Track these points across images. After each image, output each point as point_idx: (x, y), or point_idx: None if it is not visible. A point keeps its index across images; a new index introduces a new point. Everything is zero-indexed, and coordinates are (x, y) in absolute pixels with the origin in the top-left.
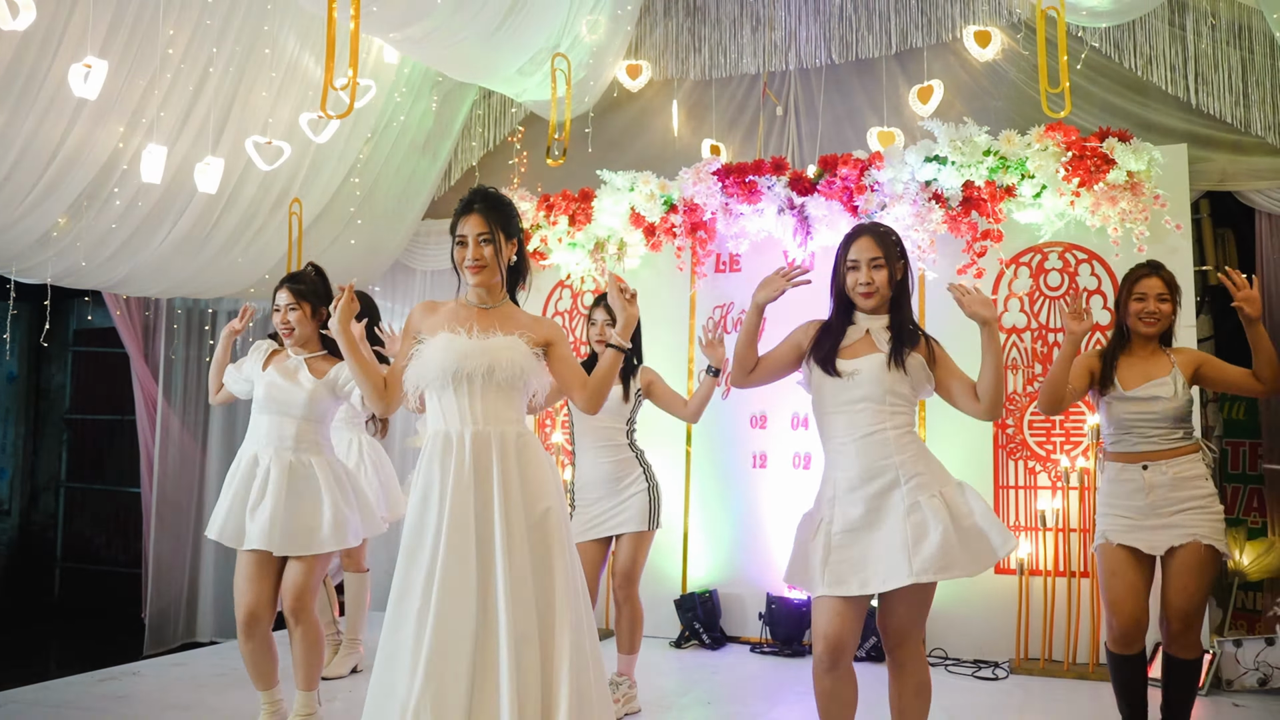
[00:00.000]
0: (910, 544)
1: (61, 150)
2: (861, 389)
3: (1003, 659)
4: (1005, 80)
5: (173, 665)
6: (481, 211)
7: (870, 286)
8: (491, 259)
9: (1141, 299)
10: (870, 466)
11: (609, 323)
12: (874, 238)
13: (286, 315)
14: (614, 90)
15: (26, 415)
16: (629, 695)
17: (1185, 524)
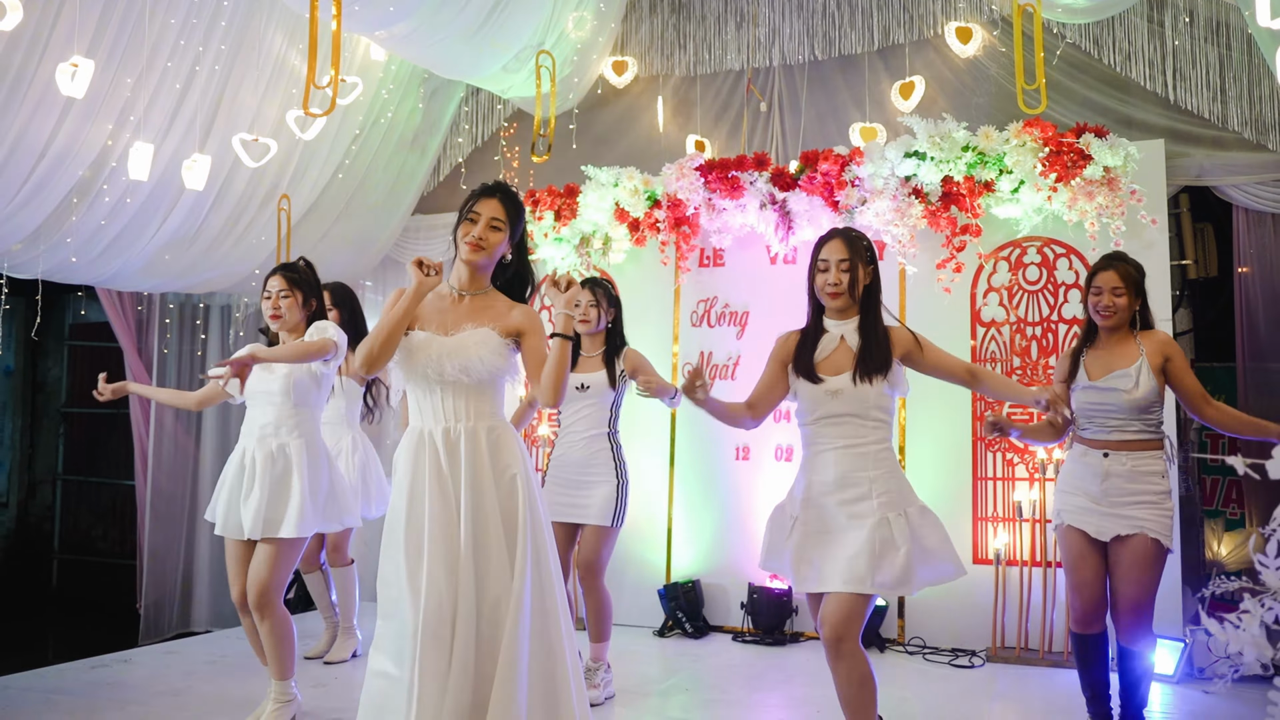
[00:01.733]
0: (876, 556)
1: (50, 148)
2: (845, 404)
3: (979, 648)
4: (986, 77)
5: (165, 653)
6: (503, 201)
7: (838, 287)
8: (493, 245)
9: (1098, 293)
10: (846, 475)
11: (593, 303)
12: (843, 240)
13: (278, 301)
14: (600, 87)
15: (24, 408)
16: (606, 680)
17: (1135, 516)
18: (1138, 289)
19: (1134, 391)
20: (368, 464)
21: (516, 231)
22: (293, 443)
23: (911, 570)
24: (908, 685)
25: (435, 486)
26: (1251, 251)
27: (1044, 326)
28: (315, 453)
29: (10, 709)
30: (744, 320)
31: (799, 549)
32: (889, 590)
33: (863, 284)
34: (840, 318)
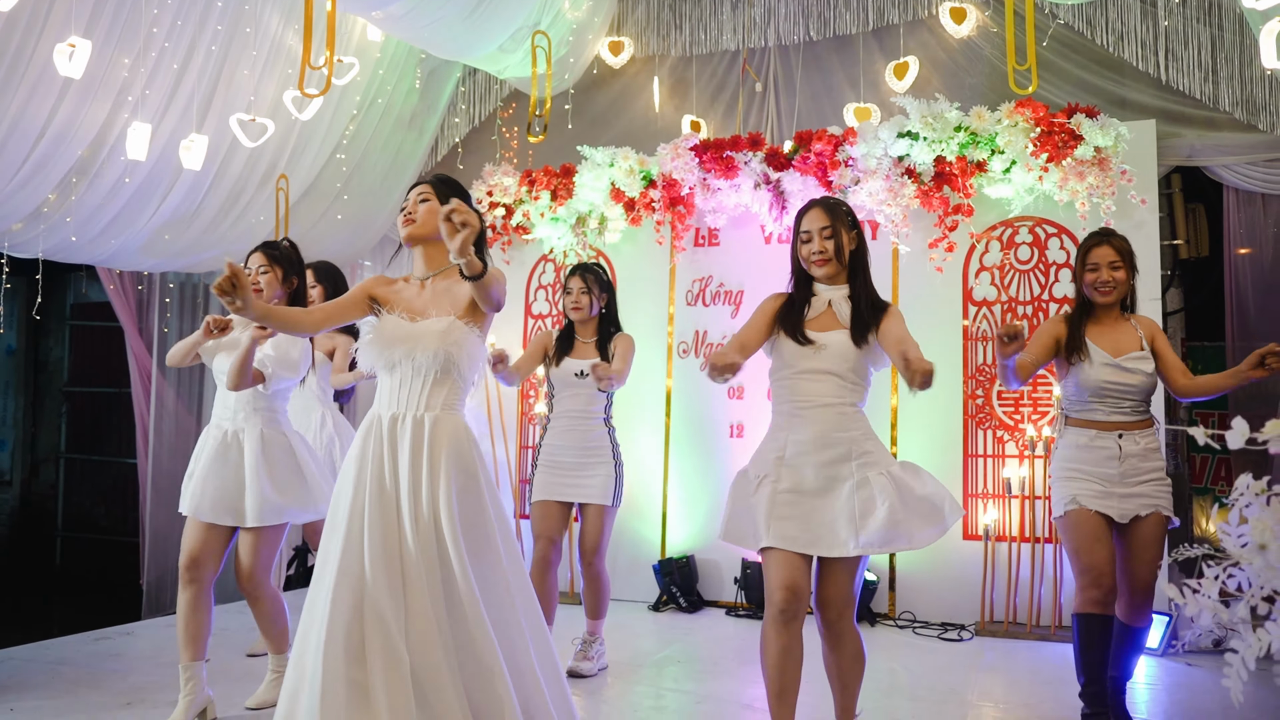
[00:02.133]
0: (857, 518)
1: (49, 128)
2: (827, 362)
3: (968, 622)
4: (980, 57)
5: (166, 626)
6: (430, 181)
7: (823, 254)
8: (425, 215)
9: (1094, 269)
10: (823, 435)
11: (584, 290)
12: (823, 208)
13: (256, 277)
14: (596, 67)
15: (26, 388)
16: (599, 653)
17: (1149, 494)
18: (1133, 263)
19: (1153, 375)
20: (334, 442)
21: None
22: (249, 428)
23: (897, 524)
24: (897, 657)
25: (375, 474)
26: (1241, 231)
27: (1035, 305)
28: (275, 439)
29: (15, 679)
30: (739, 299)
31: (770, 504)
32: (874, 550)
33: (848, 249)
34: (830, 284)
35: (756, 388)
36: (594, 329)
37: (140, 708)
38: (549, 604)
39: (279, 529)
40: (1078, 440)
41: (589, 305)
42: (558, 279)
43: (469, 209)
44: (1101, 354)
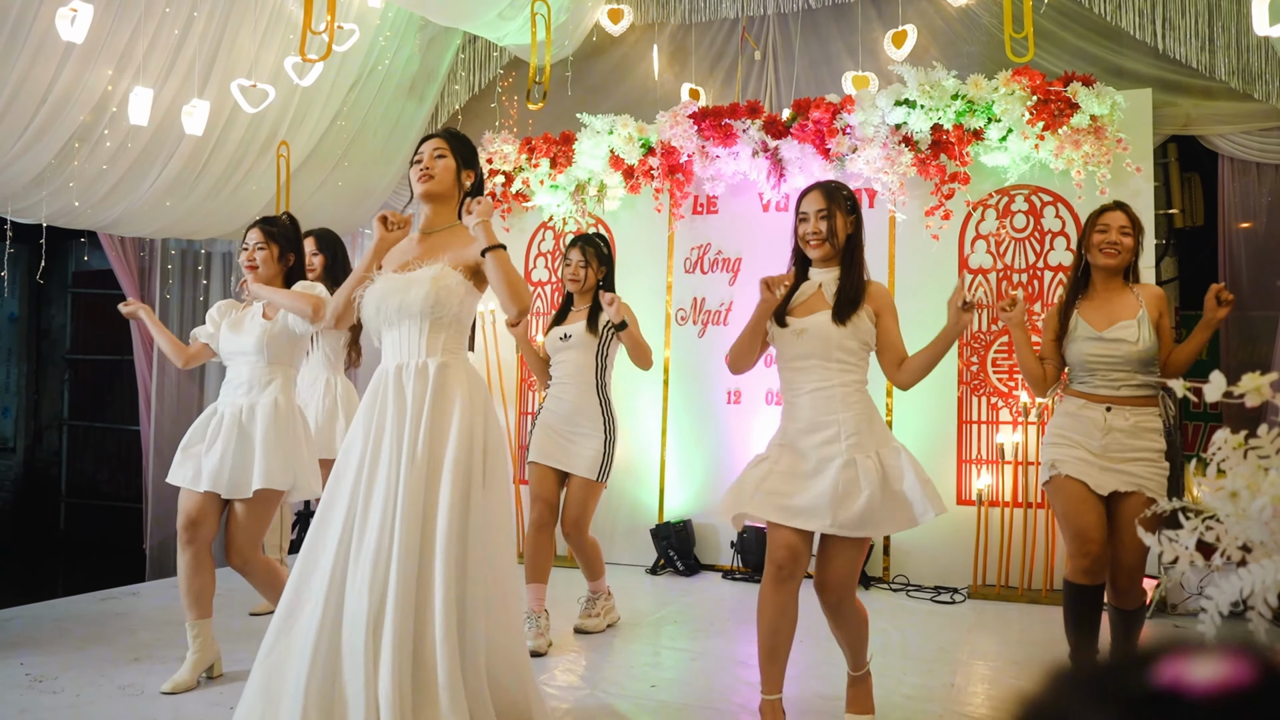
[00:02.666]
0: (839, 498)
1: (51, 93)
2: (808, 345)
3: (961, 585)
4: (978, 25)
5: (171, 587)
6: (443, 135)
7: (818, 235)
8: (442, 172)
9: (1104, 230)
10: (815, 419)
11: (583, 264)
12: (821, 191)
13: (254, 253)
14: (595, 34)
15: (29, 355)
16: (607, 607)
17: (1134, 473)
18: (1140, 237)
19: (1138, 344)
20: (338, 407)
21: (469, 160)
22: (263, 400)
23: (872, 515)
24: (890, 619)
25: (378, 424)
26: (1236, 201)
27: (1030, 274)
28: (285, 410)
29: (24, 635)
30: (736, 267)
31: (767, 481)
32: (847, 532)
33: (844, 233)
34: (823, 266)
35: None
36: (590, 299)
37: (148, 662)
38: (545, 562)
39: (273, 503)
40: (1068, 408)
41: (585, 278)
42: (557, 246)
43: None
44: (1086, 328)
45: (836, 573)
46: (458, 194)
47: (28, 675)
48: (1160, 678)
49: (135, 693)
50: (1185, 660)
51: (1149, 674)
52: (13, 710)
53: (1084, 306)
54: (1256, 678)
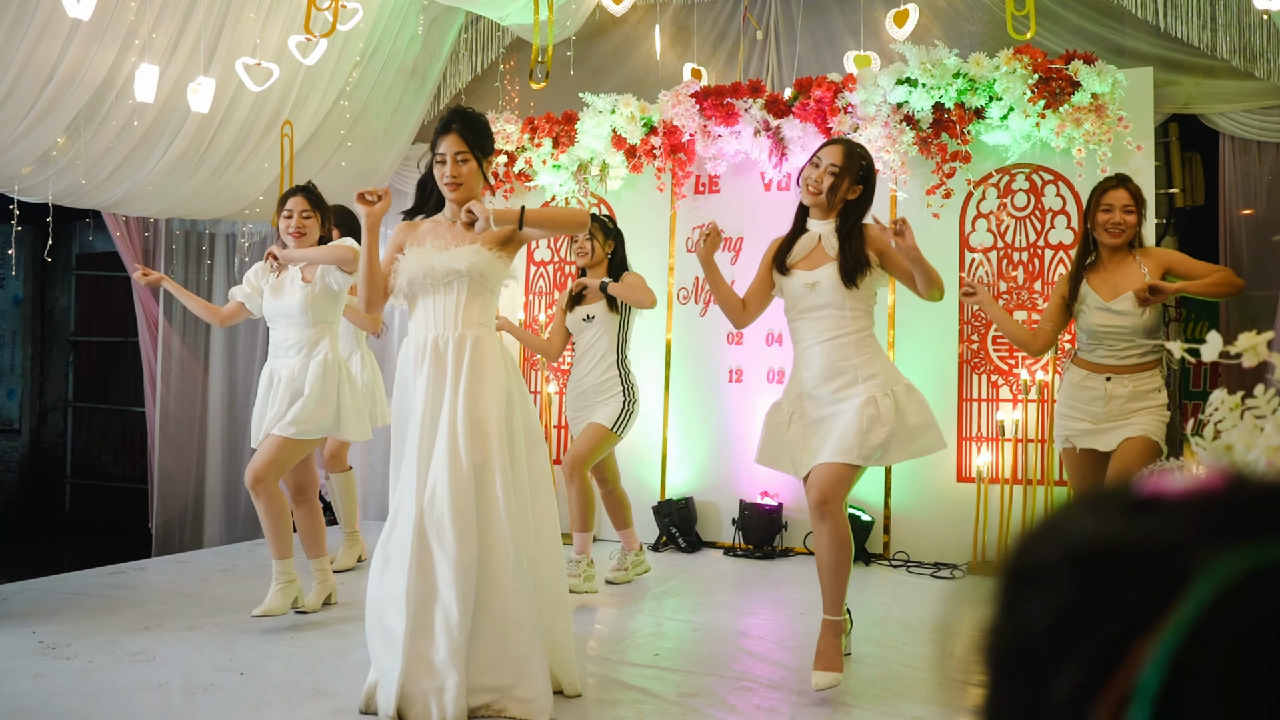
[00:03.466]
0: (863, 431)
1: (58, 71)
2: (824, 297)
3: (960, 562)
4: (980, 4)
5: (179, 562)
6: (460, 131)
7: (817, 185)
8: (469, 176)
9: (1108, 210)
10: (832, 366)
11: (588, 236)
12: (843, 148)
13: (301, 221)
14: (598, 14)
15: (33, 337)
16: (586, 574)
17: (1136, 421)
18: (1144, 209)
19: (1144, 314)
20: (373, 382)
21: (487, 149)
22: (314, 359)
23: (891, 445)
24: (890, 593)
25: (424, 394)
26: (1237, 180)
27: (1031, 252)
28: (334, 364)
29: (35, 607)
30: (738, 246)
31: (800, 440)
32: (873, 462)
33: (843, 196)
34: (820, 218)
35: (755, 334)
36: (602, 274)
37: (158, 631)
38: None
39: (297, 447)
40: (1073, 379)
41: (592, 250)
42: None
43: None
44: (1095, 298)
45: (826, 472)
46: (489, 186)
47: (41, 643)
48: (1145, 489)
49: (146, 659)
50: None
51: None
52: (28, 675)
53: (1092, 277)
54: (1226, 479)
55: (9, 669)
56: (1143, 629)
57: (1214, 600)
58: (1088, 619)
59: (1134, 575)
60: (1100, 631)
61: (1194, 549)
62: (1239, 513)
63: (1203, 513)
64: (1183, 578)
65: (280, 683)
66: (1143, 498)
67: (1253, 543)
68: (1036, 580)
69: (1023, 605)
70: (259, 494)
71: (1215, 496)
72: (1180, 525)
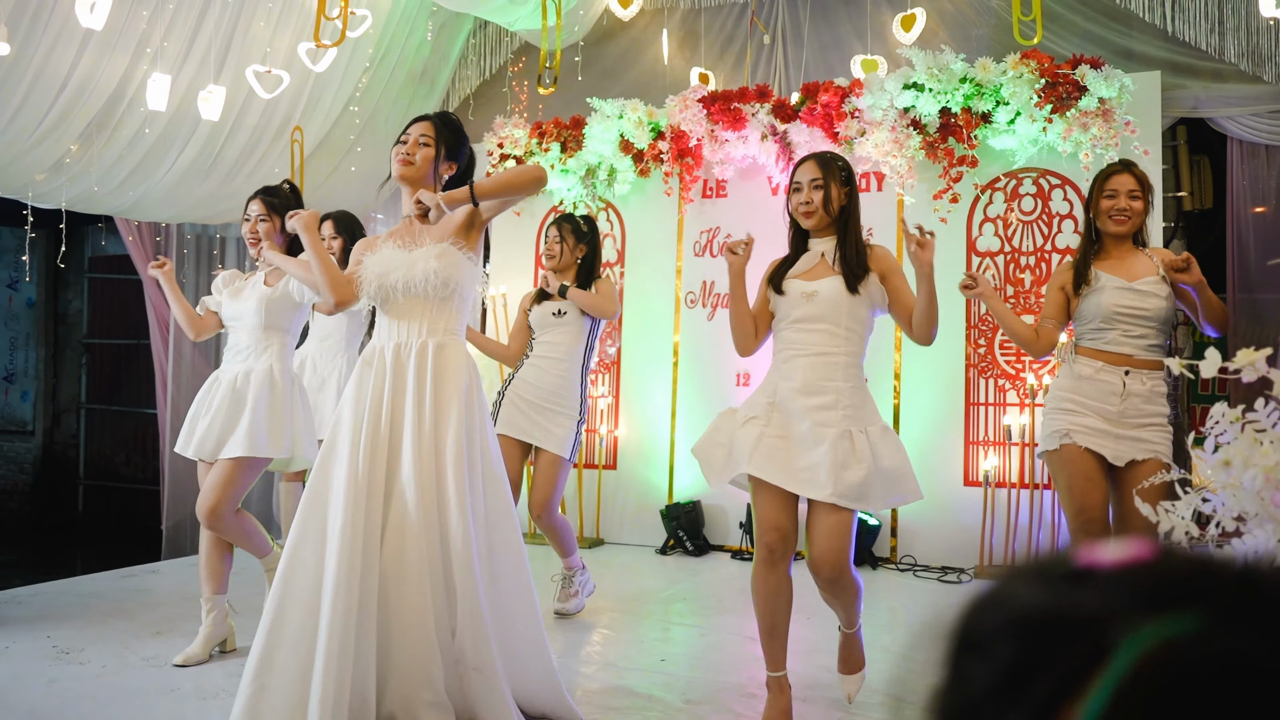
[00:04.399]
0: (838, 467)
1: (71, 80)
2: (819, 308)
3: (968, 566)
4: (988, 8)
5: (190, 565)
6: (434, 120)
7: (810, 205)
8: (423, 162)
9: (1112, 196)
10: (814, 382)
11: (558, 239)
12: (816, 161)
13: (256, 225)
14: (605, 19)
15: (46, 339)
16: (583, 580)
17: (1148, 439)
18: (1150, 195)
19: (1168, 300)
20: None
21: (455, 151)
22: (258, 366)
23: (868, 488)
24: (897, 598)
25: (373, 404)
26: (1245, 183)
27: (1038, 256)
28: (279, 377)
29: (50, 610)
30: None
31: (758, 439)
32: (845, 502)
33: (837, 203)
34: (821, 236)
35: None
36: (571, 278)
37: (169, 636)
38: None
39: (252, 466)
40: (1082, 371)
41: (560, 254)
42: None
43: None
44: (1113, 279)
45: (831, 547)
46: (434, 183)
47: (55, 647)
48: (1079, 559)
49: (159, 664)
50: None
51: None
52: (42, 680)
53: (1102, 265)
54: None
55: (24, 674)
56: (1072, 693)
57: (1132, 668)
58: (1024, 682)
59: (1065, 642)
60: (1034, 694)
61: (1118, 619)
62: (1159, 586)
63: (1128, 585)
64: (1108, 646)
65: None
66: (1079, 567)
67: (1169, 615)
68: (980, 645)
69: (967, 668)
70: (219, 528)
71: (1141, 570)
72: (1108, 596)
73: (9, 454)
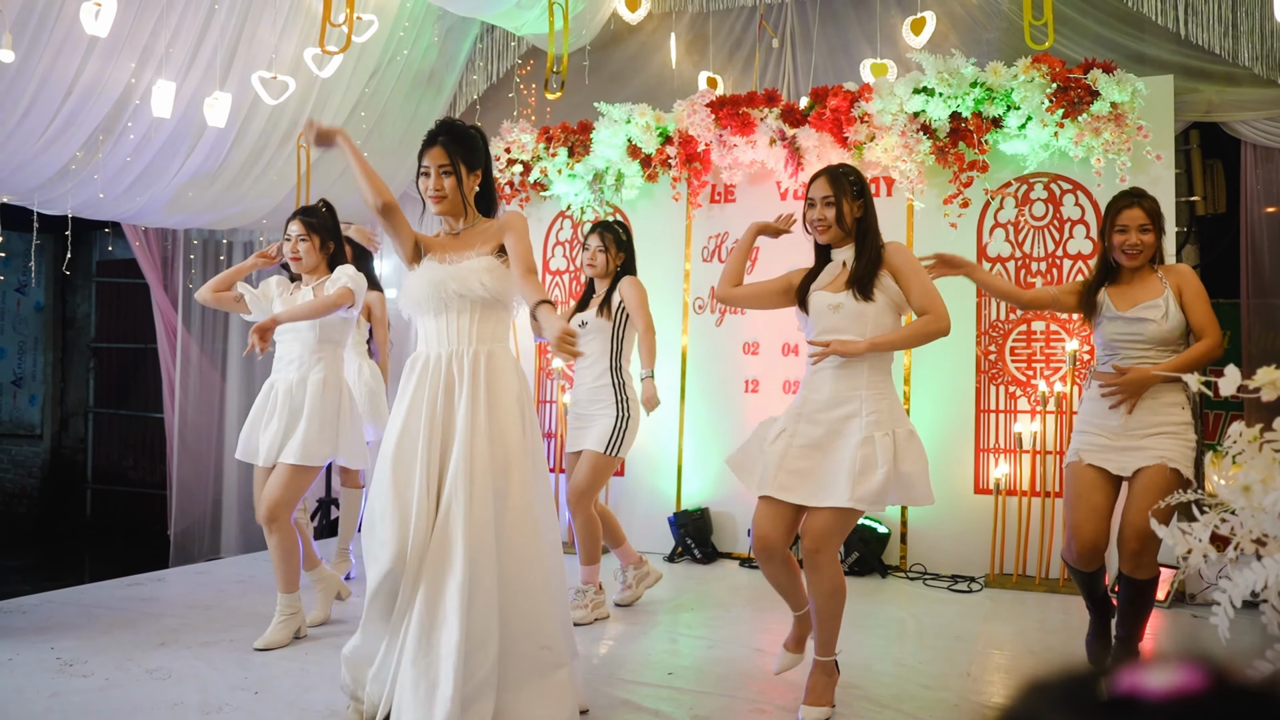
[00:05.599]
0: (856, 472)
1: (76, 86)
2: (844, 320)
3: (978, 574)
4: (998, 12)
5: (196, 573)
6: (444, 144)
7: (823, 222)
8: (452, 190)
9: (1124, 231)
10: (838, 394)
11: (601, 249)
12: (827, 177)
13: (297, 245)
14: (613, 23)
15: (54, 344)
16: (596, 601)
17: (1155, 447)
18: (1161, 224)
19: (1163, 322)
20: (376, 391)
21: (473, 163)
22: (313, 375)
23: (885, 491)
24: (907, 607)
25: (429, 410)
26: (1259, 188)
27: (1049, 262)
28: (334, 385)
29: (54, 620)
30: (754, 256)
31: (782, 457)
32: (863, 505)
33: (851, 216)
34: (841, 246)
35: (771, 344)
36: (609, 285)
37: (174, 647)
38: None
39: (310, 475)
40: (1091, 393)
41: (604, 264)
42: (575, 236)
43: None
44: (1111, 309)
45: (818, 522)
46: (470, 199)
47: (58, 659)
48: (1119, 686)
49: (163, 676)
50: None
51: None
52: (45, 693)
53: (1110, 291)
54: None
55: (26, 687)
56: None
57: None
58: None
59: None
60: None
61: None
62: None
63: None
64: None
65: (295, 702)
66: (1115, 697)
67: None
68: None
69: None
70: (273, 530)
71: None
72: None
73: (17, 458)
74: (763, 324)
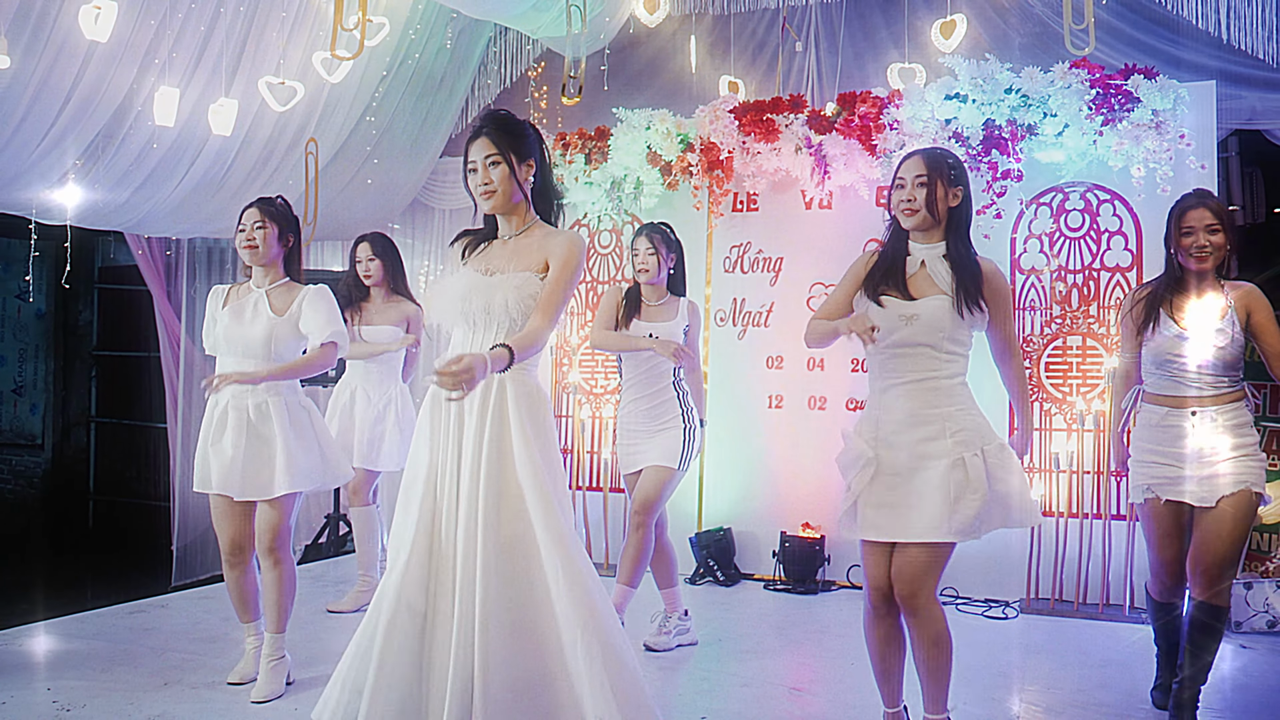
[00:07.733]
0: (952, 500)
1: (75, 93)
2: (920, 333)
3: (1013, 599)
4: (1031, 15)
5: (200, 599)
6: (489, 134)
7: (912, 204)
8: (502, 181)
9: (1190, 233)
10: (916, 413)
11: (651, 250)
12: (922, 157)
13: (252, 233)
14: (631, 26)
15: (56, 352)
16: (681, 628)
17: (1234, 471)
18: (1231, 226)
19: (1230, 346)
20: (393, 404)
21: (524, 152)
22: (272, 400)
23: (983, 520)
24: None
25: (452, 436)
26: None
27: (1086, 274)
28: (296, 408)
29: (53, 656)
30: (778, 267)
31: (868, 493)
32: (963, 537)
33: (945, 204)
34: (923, 240)
35: (795, 358)
36: (662, 291)
37: (177, 688)
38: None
39: (296, 498)
40: (1149, 419)
41: (656, 266)
42: (592, 244)
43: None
44: (1171, 325)
45: (909, 561)
46: (525, 194)
47: (55, 703)
48: None
49: None
50: None
51: None
52: None
53: (1173, 304)
54: None
55: None
56: None
57: None
58: None
59: None
60: None
61: None
62: None
63: None
64: None
65: None
66: None
67: None
68: None
69: None
70: (275, 563)
71: None
72: None
73: (18, 468)
74: (787, 339)
